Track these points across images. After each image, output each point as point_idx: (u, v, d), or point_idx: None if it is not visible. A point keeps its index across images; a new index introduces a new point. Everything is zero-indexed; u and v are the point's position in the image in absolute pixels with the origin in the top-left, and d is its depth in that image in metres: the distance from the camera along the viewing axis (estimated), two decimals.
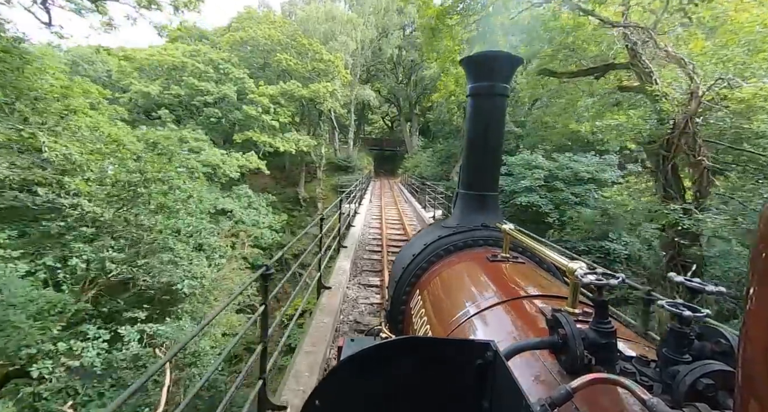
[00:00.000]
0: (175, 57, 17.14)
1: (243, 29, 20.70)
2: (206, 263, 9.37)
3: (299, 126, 24.12)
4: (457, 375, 0.80)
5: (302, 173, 24.93)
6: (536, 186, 15.55)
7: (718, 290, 0.80)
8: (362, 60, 26.33)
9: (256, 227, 17.32)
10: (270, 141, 18.91)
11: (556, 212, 15.28)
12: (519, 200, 15.92)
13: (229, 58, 18.99)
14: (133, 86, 16.59)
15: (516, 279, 1.67)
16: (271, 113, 18.96)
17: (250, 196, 18.05)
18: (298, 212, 25.44)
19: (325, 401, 0.73)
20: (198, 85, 16.73)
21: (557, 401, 0.71)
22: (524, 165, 17.11)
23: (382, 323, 2.68)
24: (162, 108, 17.38)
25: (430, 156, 25.51)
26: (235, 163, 16.35)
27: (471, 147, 2.40)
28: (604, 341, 0.87)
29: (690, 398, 0.68)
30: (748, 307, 0.42)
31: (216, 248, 10.32)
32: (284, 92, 19.89)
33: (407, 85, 32.11)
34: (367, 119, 42.04)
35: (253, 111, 17.80)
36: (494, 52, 2.20)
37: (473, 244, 2.13)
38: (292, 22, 23.27)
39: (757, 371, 0.40)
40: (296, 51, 20.92)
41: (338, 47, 23.32)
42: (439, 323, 1.57)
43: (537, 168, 16.31)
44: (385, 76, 32.02)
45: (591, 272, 0.97)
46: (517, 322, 1.22)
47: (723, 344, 0.76)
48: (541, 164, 16.73)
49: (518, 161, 17.79)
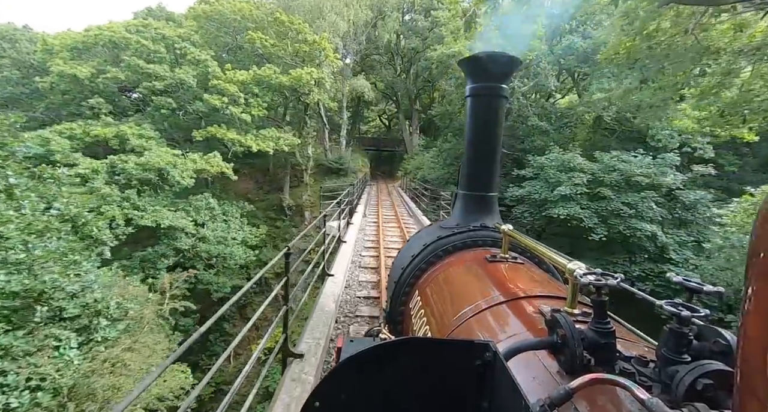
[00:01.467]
0: (116, 32, 12.95)
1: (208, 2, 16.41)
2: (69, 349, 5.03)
3: (282, 122, 21.88)
4: (457, 375, 0.80)
5: (287, 177, 22.62)
6: (577, 194, 12.69)
7: (716, 290, 0.82)
8: (355, 46, 22.28)
9: (222, 245, 14.99)
10: (239, 139, 16.11)
11: (602, 226, 12.38)
12: (554, 212, 13.14)
13: (188, 35, 14.89)
14: (54, 68, 14.37)
15: (515, 279, 1.65)
16: (240, 104, 16.25)
17: (214, 208, 15.56)
18: (282, 222, 22.64)
19: (324, 401, 0.73)
20: (144, 67, 12.25)
21: (556, 401, 0.71)
22: (558, 167, 14.28)
23: (382, 324, 2.63)
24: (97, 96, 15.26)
25: (435, 156, 23.25)
26: (190, 166, 11.70)
27: (470, 148, 2.42)
28: (603, 341, 0.87)
29: (689, 398, 0.68)
30: (746, 307, 0.42)
31: (106, 308, 6.07)
32: (258, 79, 17.10)
33: (407, 77, 28.10)
34: (363, 117, 37.91)
35: (217, 101, 15.29)
36: (493, 52, 2.18)
37: (472, 244, 2.16)
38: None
39: (755, 370, 0.40)
40: (275, 31, 18.73)
41: (327, 27, 21.62)
42: (438, 324, 1.58)
43: (576, 171, 13.34)
44: (381, 68, 28.28)
45: (590, 273, 0.99)
46: (517, 322, 1.22)
47: (721, 344, 0.77)
48: (581, 166, 13.68)
49: (550, 162, 14.99)
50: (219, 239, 15.33)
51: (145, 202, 12.26)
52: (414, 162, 24.90)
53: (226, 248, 14.40)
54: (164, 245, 13.16)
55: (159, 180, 12.97)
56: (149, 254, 12.86)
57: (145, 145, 12.94)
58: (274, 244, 22.58)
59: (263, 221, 20.21)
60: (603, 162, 12.74)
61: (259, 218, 20.12)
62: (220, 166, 14.03)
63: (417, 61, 28.64)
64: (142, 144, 12.77)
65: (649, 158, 12.00)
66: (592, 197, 12.13)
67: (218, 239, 15.18)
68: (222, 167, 14.07)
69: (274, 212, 22.27)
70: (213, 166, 13.77)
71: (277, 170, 23.60)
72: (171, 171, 12.49)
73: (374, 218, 13.13)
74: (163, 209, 12.35)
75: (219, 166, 13.98)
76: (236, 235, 16.18)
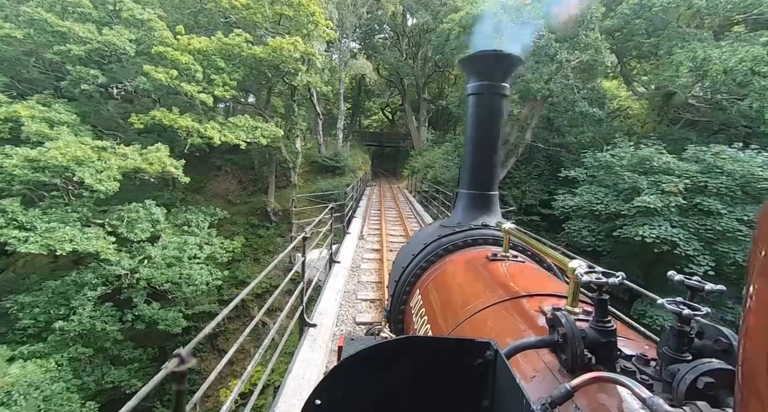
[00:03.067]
0: None
1: None
2: None
3: (264, 110, 17.87)
4: (458, 374, 0.83)
5: (272, 177, 19.42)
6: (669, 206, 9.01)
7: (717, 288, 0.85)
8: (354, 19, 17.72)
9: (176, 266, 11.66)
10: (196, 127, 12.33)
11: (706, 254, 8.78)
12: (632, 231, 9.26)
13: None
14: None
15: (516, 278, 1.69)
16: (199, 81, 12.61)
17: (158, 221, 11.88)
18: (266, 229, 19.13)
19: (325, 400, 0.74)
20: (55, 23, 7.30)
21: (557, 399, 0.73)
22: (632, 167, 10.36)
23: (383, 323, 2.66)
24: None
25: (449, 152, 20.08)
26: (114, 164, 6.63)
27: (471, 146, 2.43)
28: (605, 339, 0.89)
29: (690, 397, 0.69)
30: (747, 305, 0.43)
31: None
32: (225, 50, 13.31)
33: (414, 62, 23.71)
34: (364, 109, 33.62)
35: (162, 75, 11.52)
36: (494, 51, 2.20)
37: (473, 243, 2.17)
38: None
39: (757, 368, 0.41)
40: None
41: None
42: (439, 323, 1.61)
43: (662, 172, 9.63)
44: (385, 50, 23.63)
45: (591, 271, 1.02)
46: (517, 321, 1.23)
47: (723, 343, 0.79)
48: (670, 166, 9.86)
49: (618, 161, 10.91)
50: (170, 259, 12.32)
51: (34, 218, 7.95)
52: (423, 159, 22.55)
53: (183, 270, 11.76)
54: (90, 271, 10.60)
55: (69, 184, 8.65)
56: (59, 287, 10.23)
57: (50, 134, 8.55)
58: (255, 257, 19.02)
59: (243, 229, 17.84)
60: (702, 160, 9.51)
61: (238, 225, 17.76)
62: (162, 164, 9.67)
63: (426, 43, 25.75)
64: (43, 131, 8.42)
65: None
66: (686, 211, 9.23)
67: (169, 260, 12.19)
68: (166, 165, 9.68)
69: (258, 217, 19.38)
70: (152, 164, 9.38)
71: (262, 168, 20.78)
72: (79, 171, 8.11)
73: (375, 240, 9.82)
74: (65, 228, 8.03)
75: (161, 163, 9.62)
76: (198, 252, 13.16)
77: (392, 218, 13.11)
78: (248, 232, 17.88)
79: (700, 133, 13.49)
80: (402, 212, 14.28)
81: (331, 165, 22.31)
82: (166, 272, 11.99)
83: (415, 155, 25.51)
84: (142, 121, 11.92)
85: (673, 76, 12.00)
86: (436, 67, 27.96)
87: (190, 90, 12.26)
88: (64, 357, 10.18)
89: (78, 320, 10.37)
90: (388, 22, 26.35)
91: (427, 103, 29.39)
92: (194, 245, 13.33)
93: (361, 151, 28.95)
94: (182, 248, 12.79)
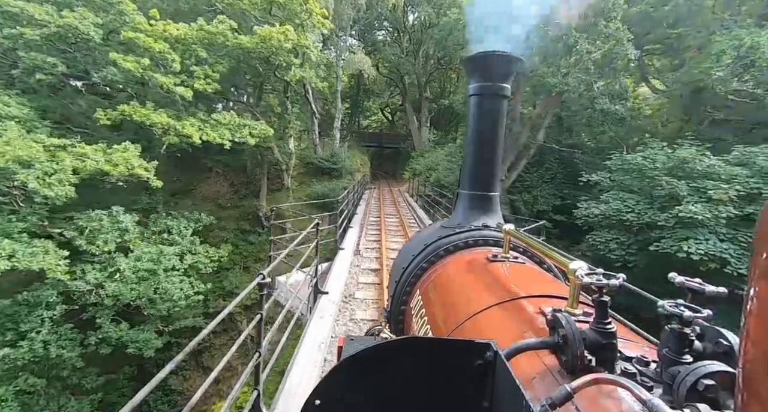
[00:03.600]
0: None
1: None
2: None
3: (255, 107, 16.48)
4: (458, 375, 0.83)
5: (264, 179, 18.15)
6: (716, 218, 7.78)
7: (718, 291, 0.85)
8: (352, 12, 16.40)
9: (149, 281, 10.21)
10: (172, 124, 10.81)
11: None
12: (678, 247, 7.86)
13: None
14: None
15: (516, 279, 1.68)
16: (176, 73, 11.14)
17: (127, 229, 10.36)
18: (257, 235, 17.72)
19: (325, 400, 0.74)
20: (8, 3, 5.67)
21: (557, 401, 0.73)
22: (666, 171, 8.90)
23: (383, 323, 2.58)
24: None
25: (452, 154, 18.95)
26: (69, 166, 4.82)
27: (472, 147, 2.44)
28: (605, 341, 0.89)
29: (691, 399, 0.69)
30: (748, 307, 0.43)
31: None
32: (207, 39, 11.81)
33: (415, 59, 22.41)
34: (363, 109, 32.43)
35: (130, 63, 10.02)
36: (495, 52, 2.21)
37: (473, 244, 2.17)
38: None
39: (758, 371, 0.41)
40: None
41: None
42: (439, 323, 1.60)
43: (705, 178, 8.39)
44: (385, 46, 22.32)
45: (592, 273, 1.03)
46: (518, 322, 1.23)
47: (724, 345, 0.78)
48: (715, 170, 8.48)
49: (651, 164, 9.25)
50: (143, 273, 10.94)
51: None
52: (425, 160, 22.09)
53: (159, 284, 10.49)
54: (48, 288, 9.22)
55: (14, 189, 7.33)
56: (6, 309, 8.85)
57: None
58: (245, 265, 17.68)
59: (233, 235, 16.79)
60: (753, 164, 8.32)
61: (227, 231, 16.74)
62: (130, 166, 8.26)
63: (428, 39, 24.58)
64: None
65: None
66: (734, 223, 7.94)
67: (141, 273, 10.82)
68: (134, 167, 8.29)
69: (249, 222, 18.14)
70: (117, 166, 7.97)
71: (255, 170, 19.69)
72: (22, 173, 6.73)
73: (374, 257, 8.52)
74: (2, 241, 6.67)
75: (128, 165, 8.23)
76: (178, 262, 11.78)
77: (393, 228, 11.88)
78: (238, 238, 17.04)
79: (735, 133, 12.13)
80: (404, 219, 13.16)
81: (327, 167, 21.53)
82: (137, 288, 10.65)
83: (416, 157, 24.72)
84: (109, 117, 10.64)
85: (711, 67, 10.66)
86: (438, 65, 27.18)
87: (165, 82, 10.93)
88: (10, 391, 8.80)
89: (29, 346, 9.09)
90: (388, 16, 25.41)
91: (428, 102, 28.63)
92: (173, 255, 11.94)
93: (360, 153, 28.22)
94: (158, 258, 11.41)
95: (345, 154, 22.96)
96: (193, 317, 13.46)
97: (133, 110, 11.03)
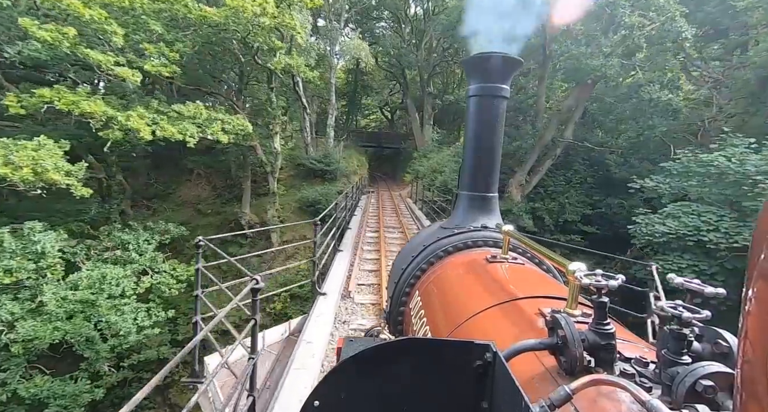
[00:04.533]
0: None
1: None
2: None
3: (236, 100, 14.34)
4: (457, 376, 0.82)
5: (247, 182, 15.95)
6: None
7: (716, 292, 0.84)
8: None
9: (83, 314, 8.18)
10: (112, 114, 8.34)
11: None
12: None
13: None
14: None
15: (515, 280, 1.68)
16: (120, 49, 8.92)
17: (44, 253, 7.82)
18: (238, 246, 15.47)
19: (324, 401, 0.74)
20: None
21: (556, 402, 0.72)
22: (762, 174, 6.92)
23: (382, 324, 2.59)
24: None
25: (460, 154, 11.97)
26: None
27: (471, 148, 2.45)
28: (604, 342, 0.89)
29: (690, 400, 0.69)
30: (747, 308, 0.42)
31: None
32: (162, 10, 9.32)
33: (418, 50, 20.09)
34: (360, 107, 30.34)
35: (50, 34, 7.56)
36: (495, 53, 2.21)
37: (473, 245, 2.17)
38: None
39: (756, 372, 0.41)
40: None
41: None
42: (438, 324, 1.59)
43: None
44: (384, 37, 20.12)
45: (591, 274, 1.01)
46: (517, 323, 1.22)
47: (722, 346, 0.78)
48: None
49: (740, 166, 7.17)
50: (75, 306, 8.51)
51: None
52: (429, 162, 20.49)
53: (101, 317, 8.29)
54: None
55: None
56: None
57: None
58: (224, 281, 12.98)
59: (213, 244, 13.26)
60: None
61: None
62: (42, 169, 5.85)
63: (431, 29, 22.78)
64: None
65: None
66: None
67: (73, 306, 8.39)
68: (47, 171, 5.86)
69: (231, 230, 15.90)
70: (19, 169, 5.58)
71: (239, 172, 17.73)
72: None
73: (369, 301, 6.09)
74: None
75: (40, 167, 5.83)
76: (131, 287, 9.51)
77: (395, 250, 8.39)
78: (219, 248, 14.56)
79: None
80: (407, 234, 10.31)
81: (320, 169, 19.37)
82: (63, 327, 8.16)
83: (419, 157, 22.89)
84: (24, 104, 8.10)
85: None
86: (443, 56, 25.06)
87: (101, 60, 8.44)
88: None
89: None
90: (387, 4, 23.54)
91: (432, 98, 26.68)
92: (123, 277, 9.47)
93: (357, 153, 26.59)
94: (99, 285, 8.94)
95: (340, 154, 21.43)
96: (158, 346, 11.05)
97: (58, 95, 8.67)
